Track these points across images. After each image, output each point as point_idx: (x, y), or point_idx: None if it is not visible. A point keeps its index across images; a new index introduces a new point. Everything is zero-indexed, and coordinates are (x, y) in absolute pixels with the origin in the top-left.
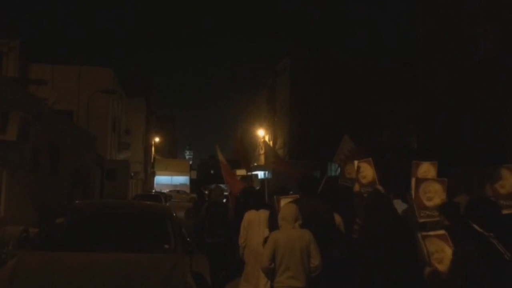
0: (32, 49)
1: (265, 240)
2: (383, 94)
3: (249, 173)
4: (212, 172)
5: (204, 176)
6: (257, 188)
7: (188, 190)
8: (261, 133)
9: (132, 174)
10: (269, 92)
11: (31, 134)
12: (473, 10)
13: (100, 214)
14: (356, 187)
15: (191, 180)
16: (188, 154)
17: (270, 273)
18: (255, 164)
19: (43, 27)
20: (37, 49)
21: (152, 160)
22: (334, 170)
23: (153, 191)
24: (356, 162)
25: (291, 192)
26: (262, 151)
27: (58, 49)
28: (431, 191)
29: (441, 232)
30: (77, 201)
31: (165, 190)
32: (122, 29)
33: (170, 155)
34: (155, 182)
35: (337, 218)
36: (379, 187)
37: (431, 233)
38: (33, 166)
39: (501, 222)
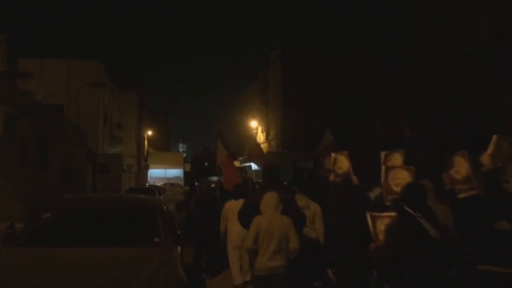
0: (20, 43)
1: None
2: (376, 84)
3: (242, 165)
4: (206, 164)
5: (198, 169)
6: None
7: (182, 183)
8: (254, 125)
9: (125, 167)
10: (261, 84)
11: (18, 128)
12: None
13: (88, 208)
14: (331, 177)
15: (185, 173)
16: (182, 147)
17: (253, 254)
18: None
19: (31, 21)
20: (26, 43)
21: (145, 154)
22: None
23: (147, 184)
24: (333, 154)
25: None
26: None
27: (47, 43)
28: (399, 178)
29: (393, 213)
30: (65, 196)
31: (159, 183)
32: (114, 22)
33: (164, 148)
34: (148, 175)
35: (315, 206)
36: (353, 177)
37: (384, 214)
38: (21, 161)
39: (427, 204)
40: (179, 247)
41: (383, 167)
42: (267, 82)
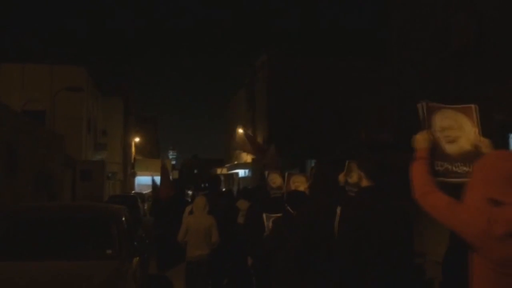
0: (1, 48)
1: None
2: (361, 89)
3: (229, 172)
4: (195, 171)
5: (187, 176)
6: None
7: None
8: (241, 131)
9: (110, 174)
10: (248, 90)
11: None
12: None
13: (38, 218)
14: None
15: (173, 180)
16: (171, 154)
17: (184, 245)
18: (236, 162)
19: (13, 25)
20: (7, 48)
21: (132, 161)
22: (310, 166)
23: (132, 192)
24: (266, 172)
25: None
26: (242, 150)
27: (29, 48)
28: (298, 181)
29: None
30: (15, 205)
31: (146, 191)
32: (102, 28)
33: (152, 155)
34: (136, 182)
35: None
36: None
37: (274, 214)
38: None
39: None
40: (135, 259)
41: (286, 174)
42: (253, 88)
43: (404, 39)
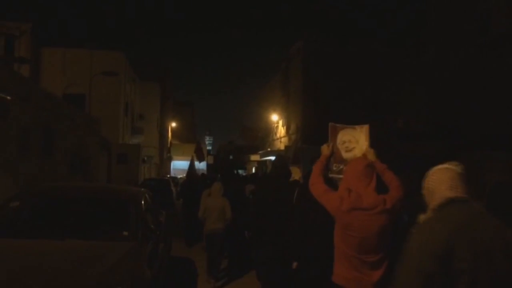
0: (44, 33)
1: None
2: (397, 78)
3: (262, 159)
4: (231, 157)
5: (222, 162)
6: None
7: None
8: (275, 118)
9: (145, 158)
10: (283, 76)
11: (13, 113)
12: None
13: (60, 198)
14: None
15: (208, 165)
16: (208, 140)
17: (203, 221)
18: (269, 149)
19: (55, 11)
20: (49, 32)
21: (168, 145)
22: None
23: (168, 175)
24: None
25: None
26: (276, 136)
27: (70, 33)
28: (294, 172)
29: None
30: (42, 184)
31: (181, 175)
32: (141, 13)
33: (188, 140)
34: (172, 166)
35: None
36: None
37: None
38: (21, 148)
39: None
40: (151, 242)
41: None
42: (288, 75)
43: (443, 28)
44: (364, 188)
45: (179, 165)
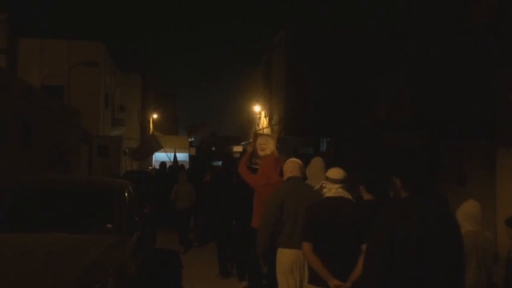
0: (21, 23)
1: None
2: (380, 68)
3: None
4: (213, 149)
5: (204, 153)
6: None
7: (186, 167)
8: (257, 109)
9: (126, 150)
10: (265, 67)
11: None
12: None
13: (42, 191)
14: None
15: (190, 157)
16: None
17: (174, 202)
18: (251, 140)
19: (32, 1)
20: (26, 23)
21: None
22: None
23: (149, 167)
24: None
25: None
26: (258, 127)
27: (48, 23)
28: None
29: None
30: (23, 176)
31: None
32: (121, 4)
33: (170, 132)
34: (153, 158)
35: None
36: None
37: None
38: None
39: None
40: (136, 234)
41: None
42: (271, 66)
43: (424, 18)
44: (273, 173)
45: (161, 157)
